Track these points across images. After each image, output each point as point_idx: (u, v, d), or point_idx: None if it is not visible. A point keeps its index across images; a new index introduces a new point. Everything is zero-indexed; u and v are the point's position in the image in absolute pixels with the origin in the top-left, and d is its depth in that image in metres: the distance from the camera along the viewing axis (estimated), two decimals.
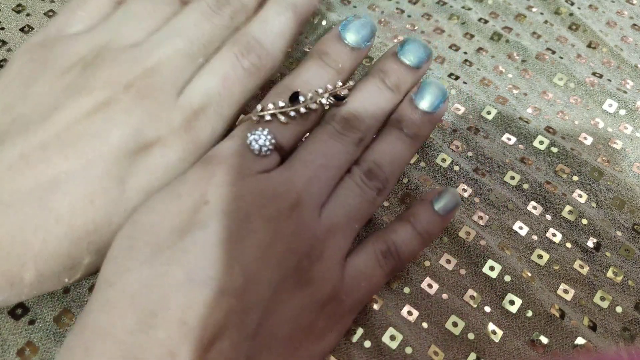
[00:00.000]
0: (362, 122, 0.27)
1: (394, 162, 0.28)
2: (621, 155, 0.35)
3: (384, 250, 0.27)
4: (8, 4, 0.38)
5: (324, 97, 0.26)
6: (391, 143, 0.28)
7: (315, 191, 0.25)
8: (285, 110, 0.26)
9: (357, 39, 0.28)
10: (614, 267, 0.30)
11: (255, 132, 0.25)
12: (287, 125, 0.26)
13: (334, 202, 0.26)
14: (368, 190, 0.27)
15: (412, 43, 0.29)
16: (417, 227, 0.27)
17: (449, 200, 0.28)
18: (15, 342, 0.27)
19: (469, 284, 0.29)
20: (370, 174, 0.27)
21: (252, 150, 0.25)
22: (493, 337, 0.28)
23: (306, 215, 0.24)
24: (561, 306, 0.29)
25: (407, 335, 0.28)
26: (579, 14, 0.41)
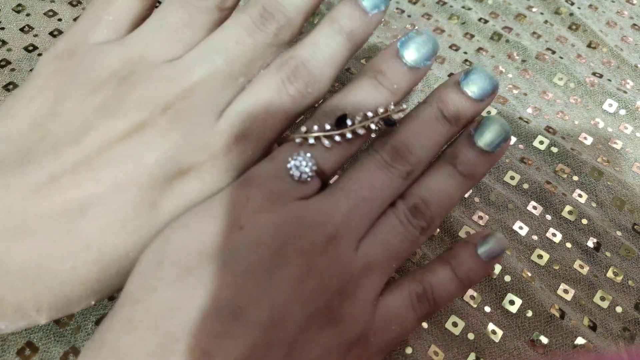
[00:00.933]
0: (413, 154, 0.25)
1: (443, 201, 0.25)
2: (621, 155, 0.35)
3: (420, 293, 0.25)
4: (8, 4, 0.38)
5: (374, 121, 0.24)
6: (442, 180, 0.25)
7: (354, 224, 0.23)
8: (331, 134, 0.24)
9: (417, 58, 0.25)
10: (614, 267, 0.30)
11: (297, 157, 0.23)
12: (331, 149, 0.24)
13: (373, 238, 0.24)
14: (411, 228, 0.25)
15: (478, 73, 0.26)
16: (457, 271, 0.25)
17: (495, 245, 0.26)
18: (15, 341, 0.27)
19: None
20: (415, 211, 0.25)
21: (292, 175, 0.23)
22: (493, 337, 0.28)
23: (342, 250, 0.23)
24: (561, 306, 0.29)
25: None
26: (579, 14, 0.41)
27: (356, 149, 0.25)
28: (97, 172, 0.22)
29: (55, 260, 0.21)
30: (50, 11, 0.38)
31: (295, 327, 0.21)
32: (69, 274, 0.22)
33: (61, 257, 0.22)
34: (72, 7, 0.39)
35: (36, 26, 0.38)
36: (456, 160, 0.25)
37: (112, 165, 0.22)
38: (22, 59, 0.36)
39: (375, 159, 0.25)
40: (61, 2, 0.39)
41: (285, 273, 0.22)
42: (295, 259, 0.22)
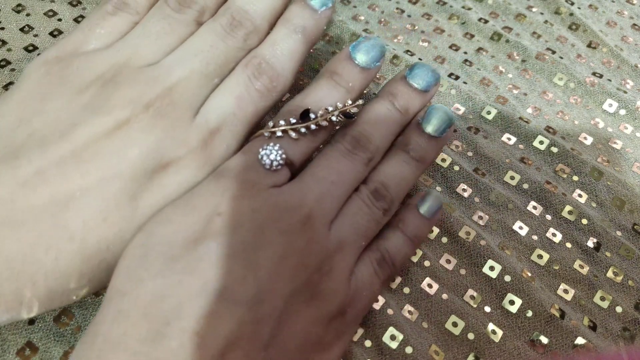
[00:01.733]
0: (371, 142, 0.27)
1: (400, 184, 0.28)
2: (621, 155, 0.35)
3: (379, 259, 0.27)
4: (8, 4, 0.38)
5: (334, 114, 0.27)
6: (398, 165, 0.28)
7: (326, 207, 0.25)
8: (296, 127, 0.26)
9: (367, 60, 0.28)
10: (614, 267, 0.30)
11: (266, 147, 0.25)
12: (298, 141, 0.26)
13: (343, 219, 0.26)
14: (375, 209, 0.27)
15: (421, 67, 0.29)
16: (406, 232, 0.28)
17: (433, 202, 0.29)
18: (15, 342, 0.27)
19: (469, 284, 0.29)
20: (377, 194, 0.27)
21: (264, 164, 0.25)
22: (493, 337, 0.28)
23: (317, 230, 0.25)
24: (561, 306, 0.29)
25: (407, 334, 0.28)
26: (579, 14, 0.41)
27: (321, 141, 0.28)
28: (83, 165, 0.23)
29: (40, 251, 0.22)
30: (50, 11, 0.38)
31: (280, 302, 0.23)
32: (52, 266, 0.22)
33: (46, 248, 0.22)
34: (72, 7, 0.39)
35: (36, 26, 0.38)
36: (408, 147, 0.28)
37: (98, 159, 0.24)
38: (22, 59, 0.36)
39: (339, 149, 0.27)
40: (61, 2, 0.39)
41: (267, 252, 0.23)
42: (275, 239, 0.23)
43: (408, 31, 0.40)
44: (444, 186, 0.32)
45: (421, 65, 0.30)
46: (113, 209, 0.23)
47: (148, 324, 0.21)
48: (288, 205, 0.25)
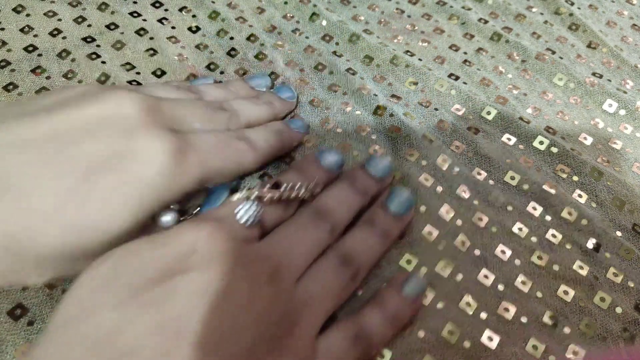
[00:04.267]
0: (331, 215, 0.29)
1: (367, 253, 0.29)
2: (621, 155, 0.35)
3: (353, 336, 0.27)
4: (8, 4, 0.38)
5: (301, 191, 0.29)
6: (363, 236, 0.29)
7: (293, 263, 0.26)
8: (270, 193, 0.28)
9: (330, 164, 0.32)
10: (614, 268, 0.30)
11: (245, 205, 0.27)
12: (270, 207, 0.28)
13: (309, 278, 0.27)
14: (341, 274, 0.28)
15: (377, 159, 0.32)
16: (386, 313, 0.28)
17: (417, 285, 0.29)
18: (13, 342, 0.27)
19: (464, 290, 0.29)
20: (344, 260, 0.28)
21: (240, 219, 0.26)
22: (489, 344, 0.28)
23: (284, 284, 0.25)
24: (560, 308, 0.29)
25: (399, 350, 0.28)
26: (579, 14, 0.41)
27: (288, 214, 0.29)
28: (50, 149, 0.24)
29: None
30: (50, 12, 0.38)
31: (238, 350, 0.22)
32: None
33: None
34: (72, 7, 0.39)
35: (36, 26, 0.38)
36: (373, 222, 0.30)
37: (70, 142, 0.25)
38: (22, 59, 0.36)
39: (303, 216, 0.29)
40: (61, 3, 0.39)
41: (233, 297, 0.23)
42: (242, 286, 0.23)
43: (408, 31, 0.40)
44: (445, 187, 0.32)
45: (377, 157, 0.32)
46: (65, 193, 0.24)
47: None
48: (257, 256, 0.25)
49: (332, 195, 0.30)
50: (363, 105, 0.36)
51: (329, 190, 0.31)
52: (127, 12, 0.39)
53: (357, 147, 0.34)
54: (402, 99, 0.36)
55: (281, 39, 0.39)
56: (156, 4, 0.40)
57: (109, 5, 0.39)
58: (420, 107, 0.36)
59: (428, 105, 0.36)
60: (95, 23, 0.38)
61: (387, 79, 0.37)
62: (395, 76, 0.37)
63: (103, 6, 0.39)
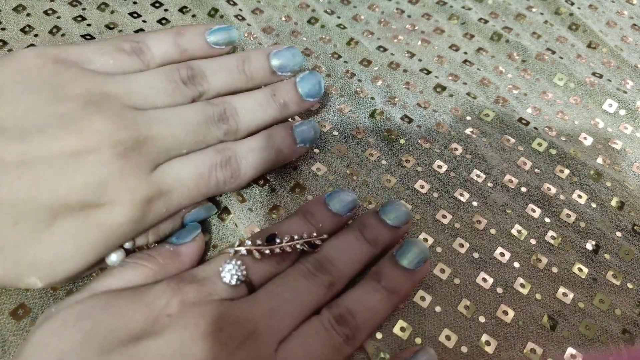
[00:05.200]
0: (334, 266, 0.27)
1: (368, 313, 0.27)
2: (621, 155, 0.35)
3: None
4: (9, 4, 0.38)
5: (299, 242, 0.27)
6: (367, 293, 0.27)
7: (275, 324, 0.25)
8: (260, 248, 0.27)
9: (340, 208, 0.30)
10: (613, 270, 0.30)
11: (229, 262, 0.26)
12: (260, 263, 0.27)
13: (295, 340, 0.25)
14: (335, 335, 0.26)
15: (394, 206, 0.30)
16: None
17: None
18: (16, 343, 0.27)
19: (463, 294, 0.29)
20: (340, 319, 0.26)
21: (223, 278, 0.26)
22: (487, 349, 0.28)
23: (261, 347, 0.24)
24: (559, 310, 0.29)
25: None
26: (579, 14, 0.41)
27: (284, 268, 0.28)
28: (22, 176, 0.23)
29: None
30: (50, 10, 0.38)
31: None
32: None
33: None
34: (71, 7, 0.39)
35: (36, 26, 0.38)
36: (380, 277, 0.28)
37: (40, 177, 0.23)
38: None
39: (300, 269, 0.27)
40: (61, 2, 0.39)
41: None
42: (215, 349, 0.23)
43: (408, 31, 0.40)
44: (442, 191, 0.32)
45: (395, 204, 0.30)
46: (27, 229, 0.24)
47: None
48: (235, 318, 0.24)
49: (337, 244, 0.28)
50: (360, 108, 0.36)
51: (334, 239, 0.29)
52: (127, 12, 0.39)
53: (353, 151, 0.34)
54: (400, 100, 0.36)
55: (279, 41, 0.39)
56: (156, 4, 0.40)
57: (109, 5, 0.39)
58: (418, 108, 0.36)
59: (427, 106, 0.36)
60: (95, 22, 0.38)
61: (386, 81, 0.37)
62: (394, 78, 0.37)
63: (103, 6, 0.39)
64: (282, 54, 0.33)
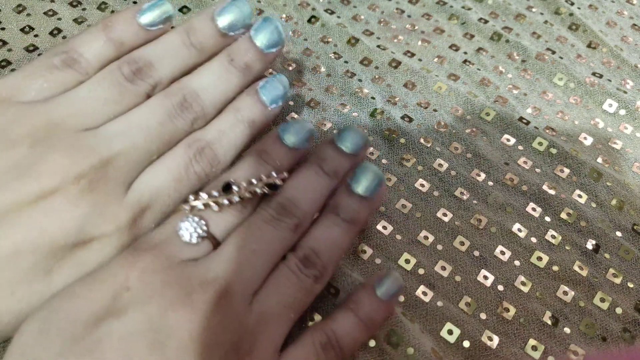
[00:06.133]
0: (298, 207, 0.27)
1: (332, 248, 0.26)
2: (621, 155, 0.35)
3: (324, 343, 0.25)
4: (9, 4, 0.38)
5: (258, 186, 0.26)
6: (328, 229, 0.27)
7: (246, 278, 0.24)
8: (218, 200, 0.25)
9: (296, 141, 0.28)
10: (613, 269, 0.30)
11: (186, 220, 0.25)
12: (220, 214, 0.26)
13: (267, 290, 0.25)
14: (304, 277, 0.25)
15: (350, 130, 0.29)
16: (359, 315, 0.26)
17: (392, 284, 0.27)
18: None
19: (464, 291, 0.30)
20: (306, 261, 0.26)
21: (181, 237, 0.24)
22: (489, 344, 0.28)
23: (235, 305, 0.23)
24: (560, 308, 0.29)
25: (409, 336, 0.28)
26: (579, 14, 0.41)
27: (247, 215, 0.27)
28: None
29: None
30: (50, 11, 0.38)
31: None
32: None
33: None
34: (72, 7, 0.39)
35: (36, 26, 0.38)
36: (338, 209, 0.27)
37: (14, 230, 0.22)
38: (23, 59, 0.36)
39: (263, 216, 0.26)
40: (61, 2, 0.39)
41: (175, 331, 0.21)
42: (186, 316, 0.22)
43: (408, 31, 0.40)
44: (442, 190, 0.32)
45: (350, 128, 0.29)
46: (23, 283, 0.22)
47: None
48: (203, 279, 0.23)
49: (298, 183, 0.27)
50: (360, 107, 0.36)
51: (294, 178, 0.28)
52: None
53: None
54: (400, 100, 0.36)
55: None
56: None
57: (109, 4, 0.39)
58: (419, 108, 0.36)
59: (427, 106, 0.36)
60: (95, 23, 0.38)
61: (386, 80, 0.37)
62: (394, 78, 0.37)
63: (103, 6, 0.39)
64: (227, 10, 0.29)
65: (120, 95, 0.27)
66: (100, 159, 0.24)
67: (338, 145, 0.29)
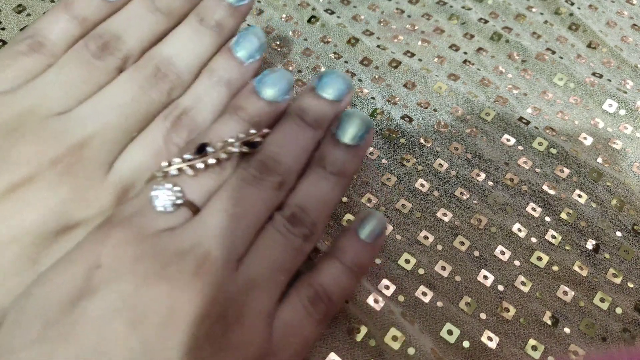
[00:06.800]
0: (281, 164, 0.25)
1: (320, 204, 0.25)
2: (621, 155, 0.35)
3: (312, 296, 0.24)
4: (9, 4, 0.38)
5: (235, 145, 0.24)
6: (315, 183, 0.25)
7: (228, 244, 0.22)
8: (192, 163, 0.24)
9: (274, 93, 0.27)
10: (613, 269, 0.30)
11: (158, 188, 0.23)
12: (197, 178, 0.24)
13: (254, 254, 0.23)
14: (293, 237, 0.24)
15: (331, 75, 0.27)
16: (344, 261, 0.25)
17: (376, 224, 0.26)
18: None
19: (464, 291, 0.30)
20: (294, 220, 0.24)
21: (155, 207, 0.23)
22: (489, 344, 0.28)
23: (217, 273, 0.22)
24: (559, 309, 0.29)
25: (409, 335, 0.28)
26: (579, 14, 0.41)
27: (226, 177, 0.25)
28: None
29: None
30: None
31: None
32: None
33: None
34: None
35: None
36: (325, 162, 0.26)
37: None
38: None
39: (243, 176, 0.25)
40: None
41: (153, 306, 0.20)
42: (164, 289, 0.21)
43: (408, 31, 0.40)
44: (442, 190, 0.32)
45: (331, 73, 0.27)
46: (10, 275, 0.22)
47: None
48: (179, 248, 0.22)
49: (278, 138, 0.26)
50: (360, 107, 0.36)
51: (274, 133, 0.26)
52: None
53: None
54: (400, 100, 0.36)
55: (279, 40, 0.39)
56: None
57: None
58: (419, 108, 0.36)
59: (427, 106, 0.36)
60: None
61: (386, 80, 0.37)
62: (394, 78, 0.37)
63: None
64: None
65: (90, 74, 0.26)
66: (74, 142, 0.23)
67: (319, 93, 0.27)
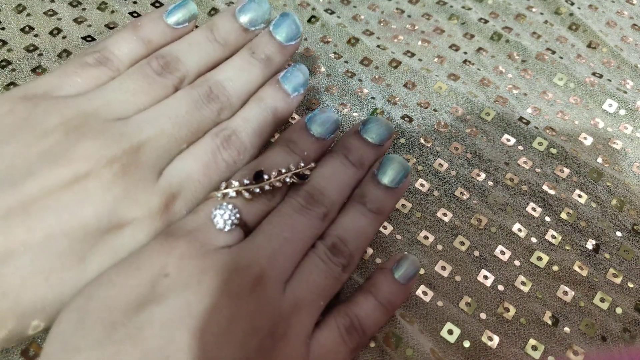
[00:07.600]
0: (326, 196, 0.27)
1: (358, 238, 0.27)
2: (621, 155, 0.35)
3: (348, 325, 0.25)
4: (9, 4, 0.38)
5: (288, 176, 0.27)
6: (355, 218, 0.28)
7: (279, 265, 0.25)
8: (249, 188, 0.26)
9: (322, 131, 0.29)
10: (613, 269, 0.30)
11: (220, 207, 0.25)
12: (252, 202, 0.26)
13: (299, 278, 0.25)
14: (333, 266, 0.26)
15: (375, 121, 0.30)
16: (378, 298, 0.27)
17: (410, 267, 0.28)
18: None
19: (464, 291, 0.30)
20: (334, 250, 0.26)
21: (216, 225, 0.25)
22: (489, 344, 0.28)
23: (270, 291, 0.24)
24: (560, 308, 0.29)
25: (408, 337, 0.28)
26: (579, 14, 0.41)
27: (275, 204, 0.27)
28: (31, 220, 0.22)
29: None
30: (50, 11, 0.38)
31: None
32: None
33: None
34: (72, 7, 0.39)
35: (36, 26, 0.38)
36: (365, 199, 0.28)
37: (47, 214, 0.23)
38: (23, 59, 0.36)
39: (293, 204, 0.27)
40: (61, 2, 0.39)
41: (214, 317, 0.22)
42: (224, 302, 0.22)
43: (408, 31, 0.40)
44: (442, 190, 0.32)
45: (375, 119, 0.30)
46: (57, 269, 0.22)
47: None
48: (238, 266, 0.24)
49: (324, 172, 0.28)
50: (360, 107, 0.36)
51: (320, 168, 0.28)
52: (127, 12, 0.39)
53: None
54: (400, 100, 0.36)
55: None
56: (156, 4, 0.40)
57: (109, 4, 0.39)
58: (419, 107, 0.36)
59: (427, 106, 0.36)
60: (95, 23, 0.38)
61: (386, 80, 0.37)
62: (394, 77, 0.37)
63: (103, 5, 0.39)
64: (247, 7, 0.31)
65: (150, 87, 0.28)
66: (131, 144, 0.25)
67: (363, 136, 0.30)
